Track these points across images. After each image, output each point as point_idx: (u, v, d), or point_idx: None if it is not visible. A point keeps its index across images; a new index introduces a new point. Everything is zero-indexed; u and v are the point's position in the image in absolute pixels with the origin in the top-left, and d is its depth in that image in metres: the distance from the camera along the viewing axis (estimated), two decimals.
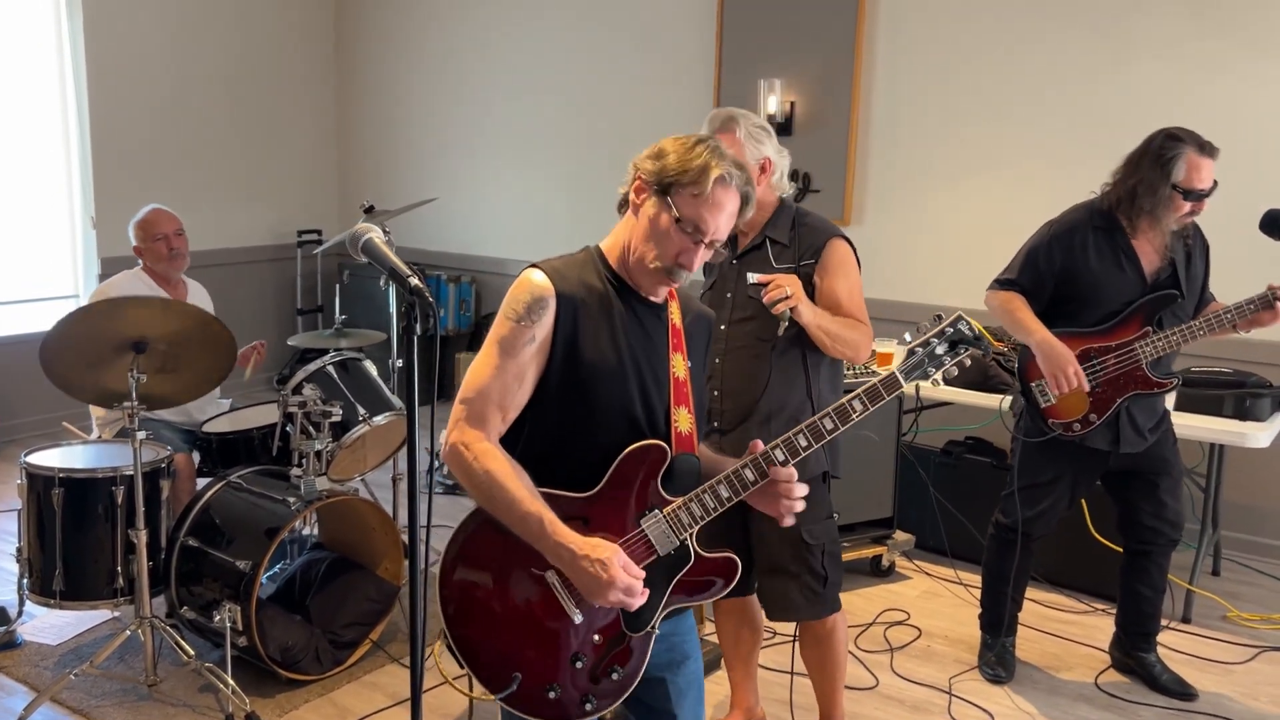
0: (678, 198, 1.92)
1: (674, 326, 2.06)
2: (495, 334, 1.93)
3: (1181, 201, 3.18)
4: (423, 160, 7.29)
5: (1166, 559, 3.51)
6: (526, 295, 1.92)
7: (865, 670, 3.68)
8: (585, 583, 1.87)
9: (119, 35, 6.31)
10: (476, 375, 1.93)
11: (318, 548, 4.04)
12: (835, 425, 2.00)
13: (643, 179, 1.97)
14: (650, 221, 1.95)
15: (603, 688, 1.97)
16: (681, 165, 1.92)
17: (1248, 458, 4.57)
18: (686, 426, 2.03)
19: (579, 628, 1.95)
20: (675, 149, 1.95)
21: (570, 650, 1.95)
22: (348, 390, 3.85)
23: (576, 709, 1.97)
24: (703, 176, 1.91)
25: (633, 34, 6.22)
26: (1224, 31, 4.57)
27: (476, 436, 1.89)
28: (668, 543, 1.96)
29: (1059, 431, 3.37)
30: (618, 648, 1.97)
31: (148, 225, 4.16)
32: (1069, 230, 3.33)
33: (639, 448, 1.95)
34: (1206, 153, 3.17)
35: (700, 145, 1.95)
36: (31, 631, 3.80)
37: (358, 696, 3.46)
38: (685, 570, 1.99)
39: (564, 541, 1.86)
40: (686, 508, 1.96)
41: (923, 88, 5.29)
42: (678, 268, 1.95)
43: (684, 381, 2.04)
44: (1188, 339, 3.25)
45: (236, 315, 6.41)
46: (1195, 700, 3.51)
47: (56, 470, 3.41)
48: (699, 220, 1.92)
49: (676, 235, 1.93)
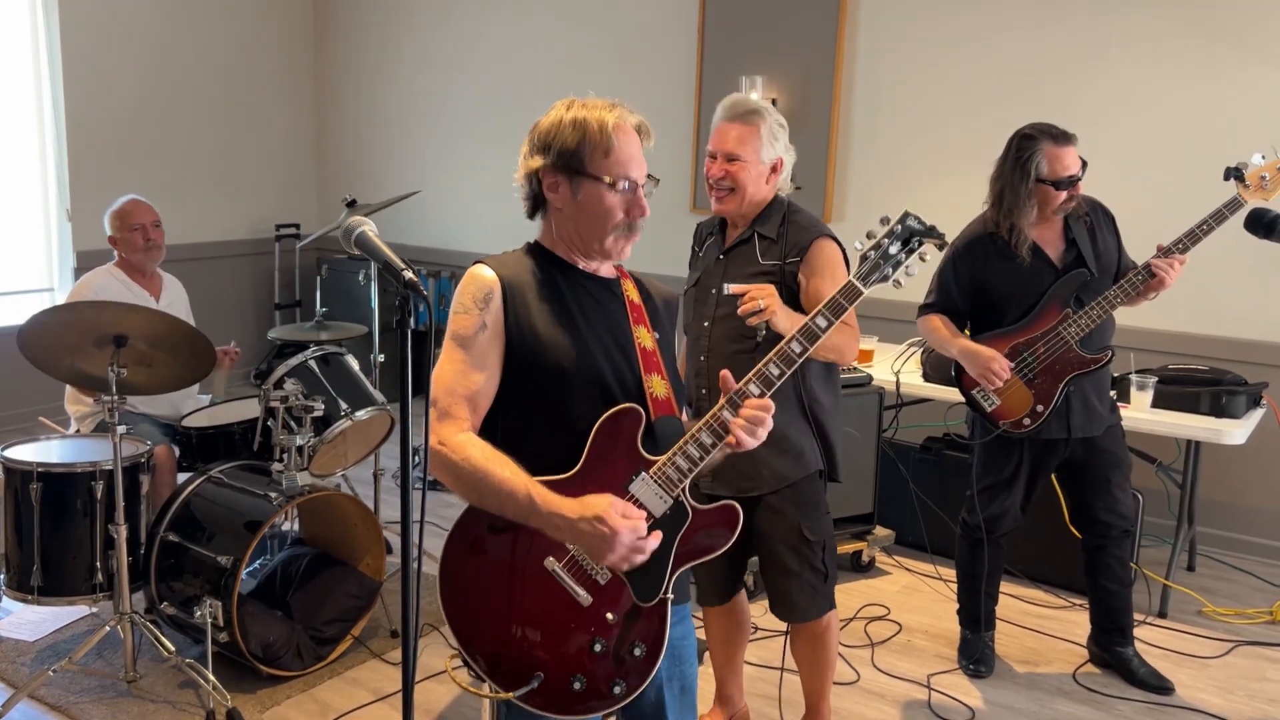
0: (593, 167, 1.92)
1: (631, 302, 2.04)
2: (449, 332, 1.92)
3: (1055, 192, 3.29)
4: (402, 155, 7.26)
5: (1123, 550, 3.57)
6: (471, 287, 1.92)
7: (847, 665, 3.70)
8: (589, 544, 1.82)
9: (95, 26, 6.25)
10: (439, 375, 1.91)
11: (299, 543, 4.02)
12: (804, 347, 1.98)
13: (546, 174, 1.96)
14: (582, 203, 1.94)
15: (628, 667, 1.91)
16: (574, 137, 1.93)
17: (1223, 454, 4.62)
18: (663, 391, 2.00)
19: (590, 611, 1.89)
20: (555, 128, 1.96)
21: (587, 635, 1.90)
22: (329, 385, 3.83)
23: (604, 695, 1.90)
24: (602, 135, 1.92)
25: (614, 31, 6.21)
26: (1203, 29, 4.61)
27: (450, 432, 1.87)
28: (660, 503, 1.91)
29: (1008, 429, 3.43)
30: (634, 623, 1.91)
31: (124, 215, 4.12)
32: (968, 245, 3.44)
33: (611, 414, 1.91)
34: (1062, 141, 3.28)
35: (569, 110, 1.96)
36: (9, 627, 3.76)
37: (339, 692, 3.45)
38: (686, 527, 1.94)
39: (556, 510, 1.82)
40: (672, 462, 1.91)
41: (903, 85, 5.31)
42: (634, 221, 1.96)
43: (652, 350, 2.02)
44: (1107, 309, 3.31)
45: (214, 310, 6.38)
46: (1172, 694, 3.55)
47: (35, 465, 3.38)
48: (624, 173, 1.93)
49: (616, 198, 1.93)
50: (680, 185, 6.02)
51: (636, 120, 2.00)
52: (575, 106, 1.98)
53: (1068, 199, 3.31)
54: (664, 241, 6.10)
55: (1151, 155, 4.74)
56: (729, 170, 2.74)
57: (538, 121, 2.01)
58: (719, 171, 2.75)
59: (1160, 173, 4.72)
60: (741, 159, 2.73)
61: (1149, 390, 4.08)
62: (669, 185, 6.07)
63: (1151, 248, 3.35)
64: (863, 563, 4.51)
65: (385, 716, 3.31)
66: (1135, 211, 3.59)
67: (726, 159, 2.75)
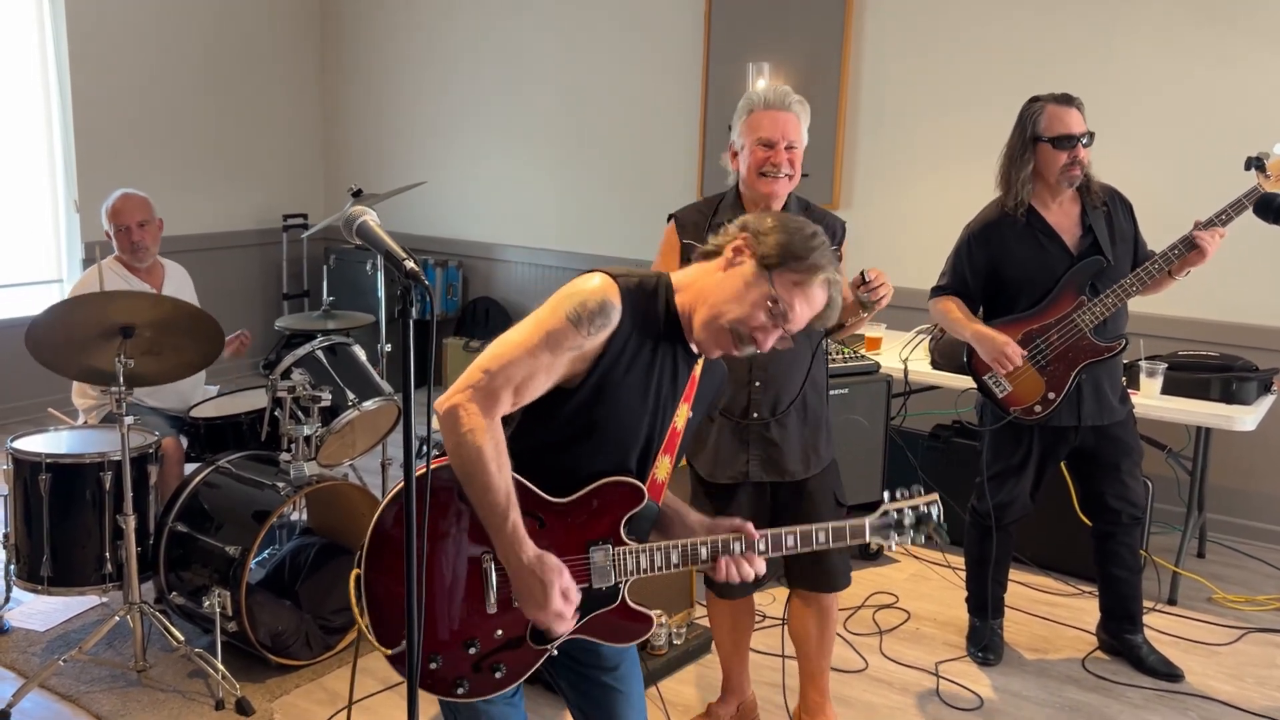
0: (779, 279, 1.90)
1: (693, 378, 2.06)
2: (546, 322, 1.86)
3: (1054, 151, 3.26)
4: (409, 144, 7.25)
5: (1133, 537, 3.55)
6: (593, 302, 1.87)
7: (854, 653, 3.70)
8: (522, 591, 1.88)
9: (101, 17, 6.25)
10: (508, 350, 1.85)
11: (307, 533, 4.03)
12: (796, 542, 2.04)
13: (751, 244, 1.94)
14: (744, 287, 1.92)
15: (480, 678, 1.97)
16: (797, 252, 1.91)
17: (1233, 441, 4.60)
18: (663, 475, 2.05)
19: (488, 618, 1.95)
20: (794, 233, 1.94)
21: (469, 632, 1.95)
22: (337, 375, 3.83)
23: (447, 687, 1.97)
24: (812, 272, 1.91)
25: (621, 18, 6.19)
26: (1212, 13, 4.57)
27: (478, 410, 1.83)
28: (604, 578, 1.97)
29: (1019, 415, 3.42)
30: (512, 650, 1.97)
31: (113, 214, 4.08)
32: (984, 227, 3.42)
33: (621, 483, 1.96)
34: (1065, 103, 3.27)
35: (815, 238, 1.94)
36: (19, 618, 3.78)
37: (348, 681, 3.45)
38: (608, 610, 2.00)
39: (519, 549, 1.85)
40: (635, 555, 1.96)
41: (911, 72, 5.28)
42: (748, 342, 1.93)
43: (679, 433, 2.05)
44: (1123, 297, 3.29)
45: (222, 299, 6.38)
46: (1181, 681, 3.54)
47: (43, 456, 3.39)
48: (791, 307, 1.91)
49: (764, 312, 1.91)
50: (688, 174, 6.01)
51: (835, 294, 1.96)
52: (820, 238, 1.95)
53: (1069, 164, 3.26)
54: None
55: (1160, 140, 4.71)
56: (791, 157, 2.75)
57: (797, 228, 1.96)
58: (783, 158, 2.74)
59: (1168, 158, 4.69)
60: (797, 146, 2.76)
61: (1159, 377, 4.06)
62: (676, 174, 6.06)
63: (1161, 233, 3.33)
64: (871, 551, 4.50)
65: (394, 705, 3.32)
66: (1144, 197, 3.55)
67: (787, 146, 2.75)
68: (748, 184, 2.79)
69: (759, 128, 2.75)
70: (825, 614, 3.03)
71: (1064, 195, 3.36)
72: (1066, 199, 3.37)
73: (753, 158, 2.75)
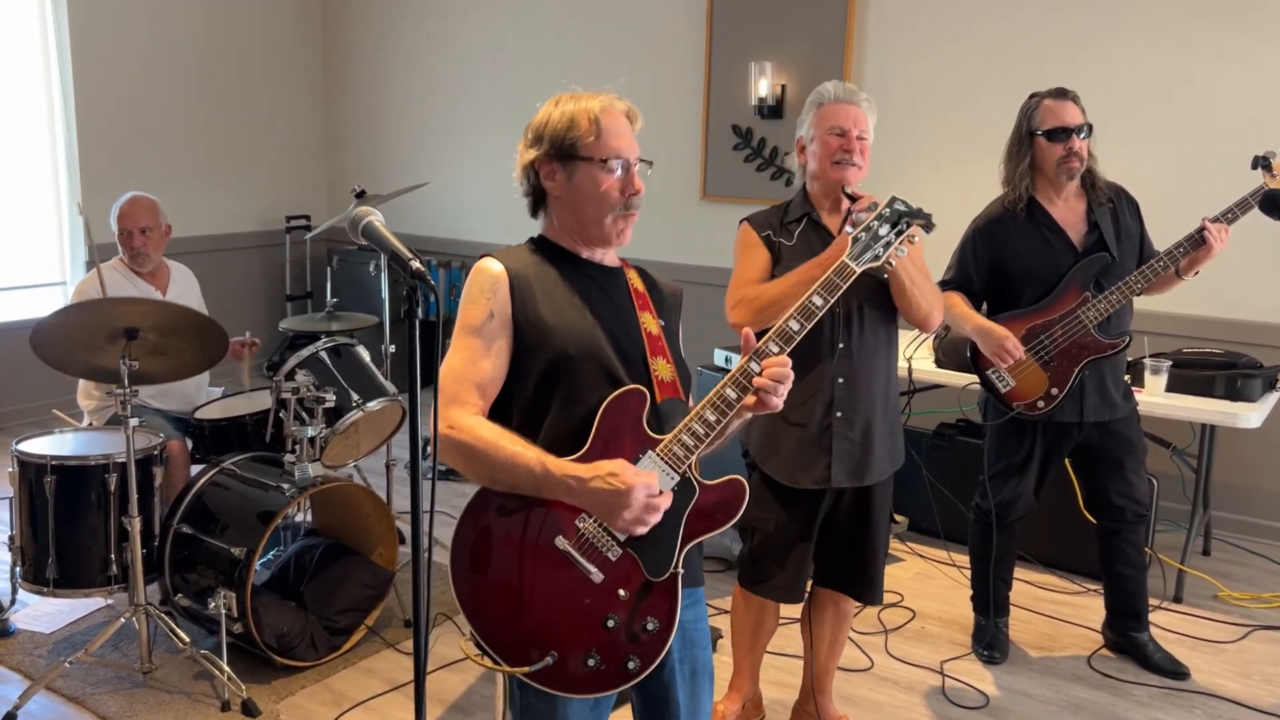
0: (584, 151, 1.96)
1: (635, 290, 2.08)
2: (458, 323, 1.96)
3: (1050, 145, 3.29)
4: (411, 145, 7.25)
5: (1138, 535, 3.55)
6: (479, 279, 1.96)
7: (860, 652, 3.70)
8: (604, 503, 1.84)
9: (103, 20, 6.26)
10: (448, 364, 1.94)
11: (312, 534, 4.03)
12: (801, 325, 2.01)
13: (541, 165, 2.01)
14: (579, 188, 1.99)
15: (642, 643, 1.92)
16: (562, 125, 1.98)
17: (1238, 438, 4.60)
18: (668, 374, 2.03)
19: (602, 588, 1.90)
20: (542, 122, 2.01)
21: (600, 613, 1.91)
22: (341, 376, 3.84)
23: (620, 671, 1.91)
24: (588, 121, 1.97)
25: (622, 19, 6.19)
26: (1214, 11, 4.57)
27: (457, 416, 1.89)
28: (668, 479, 1.93)
29: (1022, 411, 3.42)
30: (646, 598, 1.92)
31: (120, 218, 4.08)
32: (989, 222, 3.43)
33: (616, 395, 1.94)
34: (1061, 96, 3.31)
35: (558, 105, 2.00)
36: (25, 620, 3.78)
37: (354, 682, 3.46)
38: (694, 503, 1.96)
39: (570, 473, 1.84)
40: (678, 440, 1.93)
41: (913, 70, 5.28)
42: (629, 201, 2.00)
43: (657, 335, 2.04)
44: (1128, 294, 3.30)
45: (225, 302, 6.39)
46: (1187, 679, 3.54)
47: (49, 458, 3.39)
48: (615, 153, 1.97)
49: (609, 179, 1.97)
50: (690, 172, 6.00)
51: (624, 105, 2.04)
52: (563, 100, 2.03)
53: (1065, 156, 3.28)
54: (676, 229, 6.09)
55: (1160, 137, 4.71)
56: (862, 147, 2.78)
57: (530, 120, 2.06)
58: (855, 145, 2.76)
59: (1169, 155, 4.68)
60: (867, 137, 2.80)
61: (1163, 374, 4.05)
62: (679, 173, 6.05)
63: (1165, 229, 3.32)
64: None
65: (400, 706, 3.32)
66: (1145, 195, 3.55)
67: (858, 136, 2.78)
68: (819, 174, 2.79)
69: (831, 117, 2.77)
70: (843, 617, 3.07)
71: (1068, 191, 3.36)
72: (1072, 195, 3.37)
73: (825, 147, 2.76)
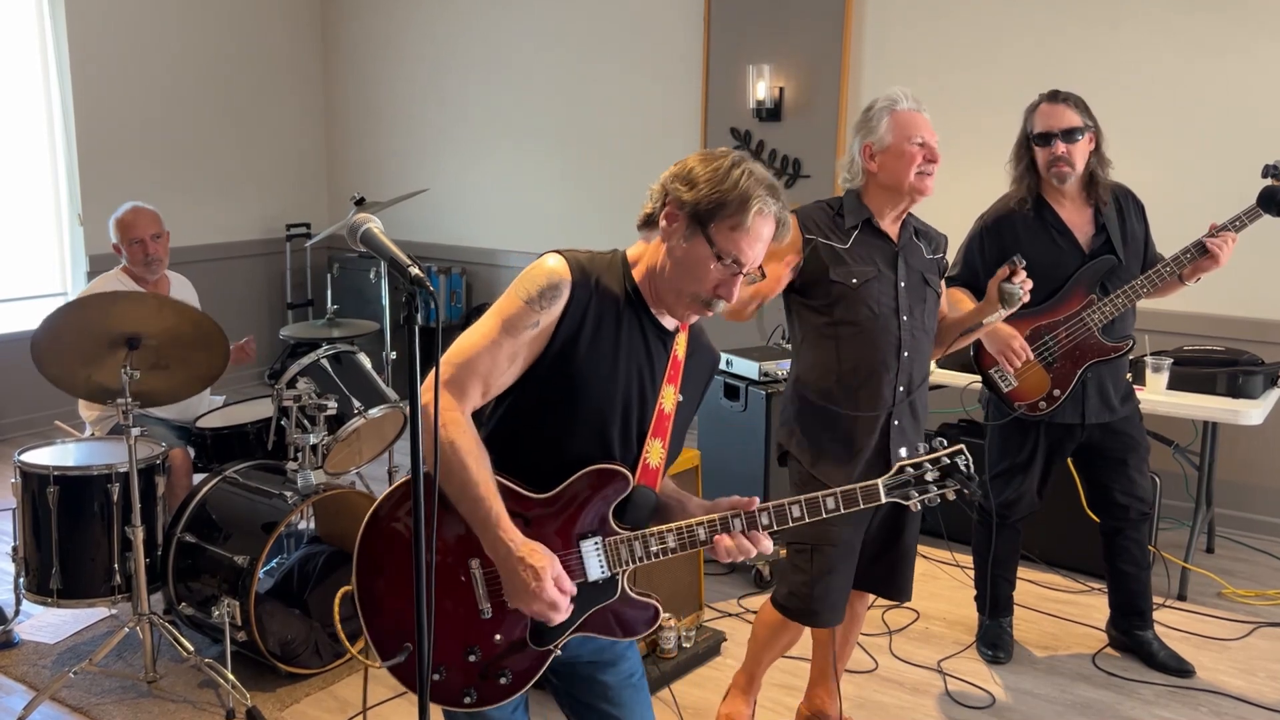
0: (716, 232, 1.85)
1: (675, 359, 2.00)
2: (501, 308, 1.86)
3: (1039, 149, 3.32)
4: (411, 151, 7.26)
5: (1141, 533, 3.55)
6: (543, 279, 1.85)
7: (864, 653, 3.69)
8: (513, 584, 1.83)
9: (103, 29, 6.27)
10: (469, 343, 1.86)
11: (315, 541, 4.03)
12: (801, 514, 1.96)
13: (674, 206, 1.88)
14: (685, 253, 1.87)
15: (487, 686, 1.93)
16: (718, 196, 1.84)
17: (1241, 435, 4.60)
18: (656, 460, 1.98)
19: (484, 623, 1.91)
20: (707, 175, 1.86)
21: (468, 640, 1.91)
22: (342, 383, 3.84)
23: (454, 697, 1.93)
24: (742, 209, 1.84)
25: (621, 22, 6.20)
26: (1214, 8, 4.57)
27: (450, 404, 1.83)
28: (599, 571, 1.91)
29: (1023, 411, 3.42)
30: (515, 654, 1.93)
31: (125, 227, 4.07)
32: (997, 220, 3.43)
33: (604, 470, 1.90)
34: (1052, 100, 3.32)
35: (735, 170, 1.85)
36: (29, 630, 3.78)
37: (358, 689, 3.46)
38: (608, 603, 1.94)
39: (505, 538, 1.81)
40: (629, 544, 1.90)
41: (911, 72, 5.28)
42: (715, 299, 1.89)
43: (668, 415, 1.98)
44: (1133, 298, 3.30)
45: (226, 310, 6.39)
46: (1192, 677, 3.53)
47: (51, 468, 3.40)
48: (739, 254, 1.85)
49: (716, 269, 1.86)
50: None
51: (783, 215, 1.90)
52: (739, 167, 1.87)
53: (1052, 160, 3.28)
54: None
55: (1161, 135, 4.71)
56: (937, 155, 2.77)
57: (706, 152, 1.92)
58: (934, 156, 2.75)
59: (1170, 153, 4.68)
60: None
61: (1164, 372, 4.05)
62: None
63: (1165, 228, 3.32)
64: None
65: (404, 712, 3.32)
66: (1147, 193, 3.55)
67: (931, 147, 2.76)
68: (897, 182, 2.72)
69: (911, 126, 2.73)
70: (856, 619, 3.05)
71: (1074, 192, 3.35)
72: (1079, 197, 3.36)
73: (908, 156, 2.71)
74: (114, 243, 4.13)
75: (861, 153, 2.77)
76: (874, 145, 2.75)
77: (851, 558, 2.81)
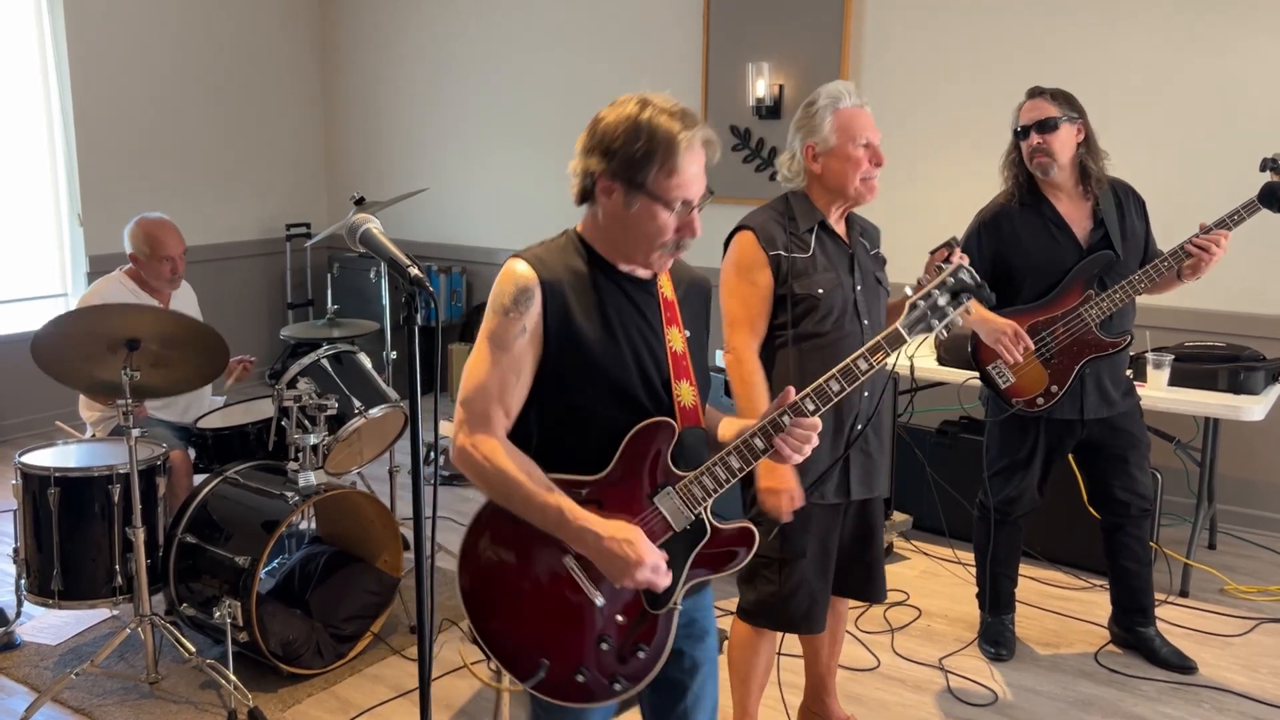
0: (654, 185, 1.84)
1: (665, 300, 2.01)
2: (485, 330, 1.89)
3: (1022, 143, 3.35)
4: (411, 151, 7.26)
5: (1142, 530, 3.55)
6: (511, 286, 1.88)
7: (866, 651, 3.69)
8: (611, 564, 1.84)
9: (102, 30, 6.26)
10: (473, 374, 1.88)
11: (316, 542, 4.03)
12: (842, 386, 1.97)
13: (604, 179, 1.88)
14: (636, 216, 1.87)
15: (630, 667, 1.95)
16: (640, 151, 1.82)
17: (1242, 431, 4.59)
18: (690, 399, 2.00)
19: (602, 610, 1.93)
20: (621, 134, 1.84)
21: (595, 632, 1.93)
22: (342, 383, 3.84)
23: (605, 690, 1.95)
24: (670, 153, 1.82)
25: (620, 21, 6.19)
26: (1216, 7, 4.56)
27: (482, 437, 1.86)
28: (682, 518, 1.94)
29: (1021, 407, 3.41)
30: (641, 626, 1.95)
31: (156, 244, 4.00)
32: (995, 217, 3.44)
33: (646, 426, 1.92)
34: (1031, 95, 3.36)
35: (642, 116, 1.84)
36: (30, 632, 3.78)
37: (360, 689, 3.46)
38: (703, 544, 1.96)
39: (587, 526, 1.83)
40: (699, 481, 1.93)
41: (910, 69, 5.28)
42: (682, 242, 1.91)
43: (682, 354, 2.00)
44: (1130, 294, 3.29)
45: (226, 311, 6.41)
46: (1195, 673, 3.53)
47: (52, 470, 3.39)
48: (684, 195, 1.85)
49: (670, 217, 1.86)
50: None
51: (706, 135, 1.88)
52: (647, 108, 1.86)
53: (1030, 153, 3.31)
54: None
55: (1159, 133, 4.70)
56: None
57: (601, 114, 1.89)
58: (879, 159, 2.68)
59: (1168, 151, 4.68)
60: None
61: (1165, 368, 4.05)
62: None
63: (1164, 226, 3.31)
64: None
65: (406, 712, 3.31)
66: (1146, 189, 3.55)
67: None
68: (843, 187, 2.65)
69: (856, 126, 2.64)
70: (841, 618, 3.08)
71: (1069, 186, 3.35)
72: (1075, 191, 3.36)
73: (853, 161, 2.63)
74: (132, 253, 4.04)
75: (804, 152, 2.68)
76: (817, 145, 2.67)
77: (827, 567, 2.78)
